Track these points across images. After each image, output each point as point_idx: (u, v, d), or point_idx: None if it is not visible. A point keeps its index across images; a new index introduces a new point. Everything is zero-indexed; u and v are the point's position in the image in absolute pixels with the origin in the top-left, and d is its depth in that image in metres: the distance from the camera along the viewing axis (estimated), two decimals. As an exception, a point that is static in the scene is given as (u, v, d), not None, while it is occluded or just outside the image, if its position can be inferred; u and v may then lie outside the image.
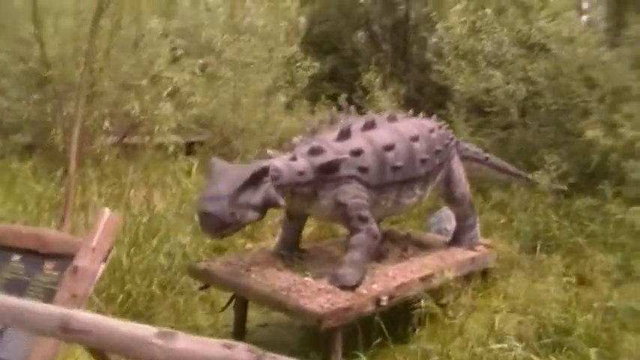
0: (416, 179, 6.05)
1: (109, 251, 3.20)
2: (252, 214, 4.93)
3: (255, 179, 4.93)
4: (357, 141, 5.53)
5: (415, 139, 6.05)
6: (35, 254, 3.28)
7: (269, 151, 5.71)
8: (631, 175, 7.98)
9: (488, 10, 9.79)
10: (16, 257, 3.32)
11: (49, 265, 3.24)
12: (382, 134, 5.78)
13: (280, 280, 5.29)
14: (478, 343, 5.20)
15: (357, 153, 5.44)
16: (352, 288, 5.13)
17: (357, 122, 5.89)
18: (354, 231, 5.36)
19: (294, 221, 6.11)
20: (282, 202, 5.11)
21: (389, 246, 6.50)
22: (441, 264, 6.08)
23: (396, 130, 5.99)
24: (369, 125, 5.80)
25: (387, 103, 10.92)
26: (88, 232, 3.28)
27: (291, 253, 6.05)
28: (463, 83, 9.81)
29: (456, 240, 6.81)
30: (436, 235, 7.38)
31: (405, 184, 5.93)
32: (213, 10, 11.42)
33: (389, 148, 5.71)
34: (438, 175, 6.47)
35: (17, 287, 3.15)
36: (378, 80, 11.18)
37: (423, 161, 6.07)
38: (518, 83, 9.22)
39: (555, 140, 9.11)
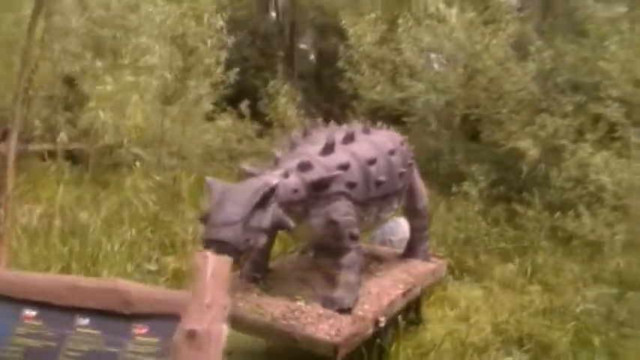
0: (394, 193, 5.86)
1: (227, 308, 2.52)
2: (262, 239, 4.46)
3: (264, 200, 4.48)
4: (341, 155, 5.14)
5: (392, 152, 5.85)
6: (114, 315, 2.43)
7: (245, 167, 5.23)
8: (555, 182, 8.43)
9: (401, 21, 9.89)
10: (84, 321, 2.42)
11: (139, 330, 2.41)
12: (363, 147, 5.48)
13: (272, 307, 4.83)
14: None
15: (344, 167, 5.10)
16: (349, 311, 4.84)
17: (335, 135, 5.59)
18: (344, 250, 4.98)
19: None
20: (291, 223, 4.69)
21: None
22: (410, 278, 5.95)
23: (373, 143, 5.75)
24: (349, 138, 5.49)
25: (293, 111, 10.69)
26: (192, 282, 2.45)
27: (264, 274, 5.59)
28: (379, 92, 9.80)
29: (412, 251, 6.64)
30: (381, 247, 7.26)
31: (386, 198, 5.72)
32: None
33: (372, 162, 5.44)
34: (406, 188, 6.36)
35: None
36: (285, 87, 10.89)
37: (401, 175, 5.90)
38: (437, 94, 9.37)
39: (474, 149, 9.40)
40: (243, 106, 11.27)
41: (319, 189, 4.90)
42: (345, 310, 4.75)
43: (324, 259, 6.10)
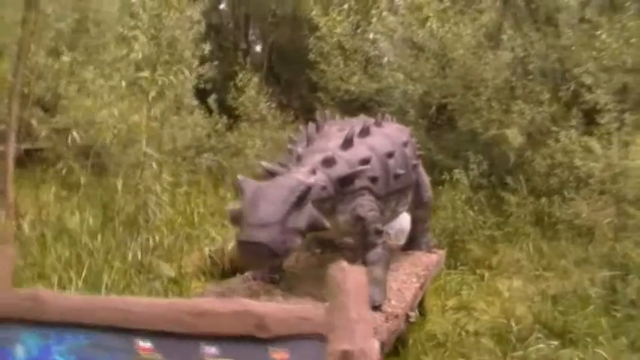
0: (410, 186, 5.85)
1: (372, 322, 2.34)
2: (298, 240, 4.32)
3: (300, 200, 4.35)
4: (361, 149, 5.04)
5: (405, 144, 5.83)
6: (246, 341, 2.19)
7: (264, 163, 5.09)
8: (539, 169, 8.61)
9: (374, 11, 9.84)
10: (211, 349, 2.18)
11: (278, 355, 2.18)
12: (380, 141, 5.41)
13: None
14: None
15: (366, 162, 5.03)
16: (379, 308, 4.80)
17: (352, 128, 5.50)
18: (371, 246, 4.87)
19: None
20: (327, 223, 4.58)
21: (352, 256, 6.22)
22: (421, 270, 5.98)
23: (388, 136, 5.70)
24: (365, 132, 5.42)
25: (263, 104, 10.50)
26: (331, 297, 2.27)
27: (281, 275, 5.48)
28: (355, 83, 9.73)
29: (415, 243, 6.64)
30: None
31: (402, 191, 5.69)
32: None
33: (390, 155, 5.39)
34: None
35: None
36: (254, 80, 10.67)
37: (414, 167, 5.92)
38: (414, 83, 9.39)
39: (450, 139, 9.48)
40: (211, 100, 10.97)
41: (345, 185, 4.79)
42: (376, 308, 4.68)
43: (331, 254, 6.04)
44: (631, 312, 6.04)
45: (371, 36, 9.96)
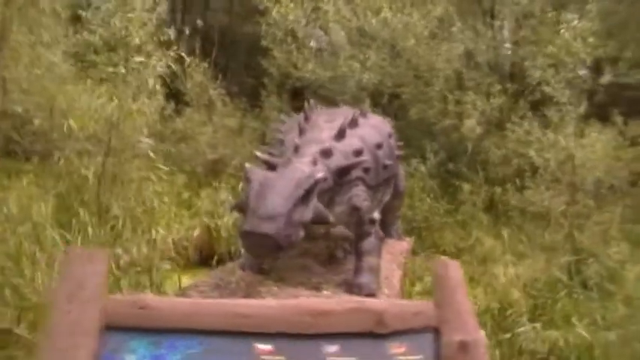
0: (394, 176, 6.00)
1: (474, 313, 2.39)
2: (302, 233, 4.37)
3: (308, 194, 4.39)
4: (353, 140, 5.10)
5: (390, 135, 5.96)
6: (364, 337, 2.23)
7: (260, 154, 5.09)
8: (494, 159, 8.94)
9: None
10: (332, 348, 2.18)
11: (397, 349, 2.23)
12: (368, 132, 5.47)
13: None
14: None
15: (359, 153, 5.13)
16: (374, 295, 4.93)
17: (343, 119, 5.56)
18: (365, 235, 4.97)
19: None
20: (331, 217, 4.65)
21: (333, 245, 6.31)
22: (397, 257, 6.17)
23: (375, 127, 5.79)
24: (354, 123, 5.49)
25: (214, 90, 10.34)
26: (438, 291, 2.40)
27: (271, 265, 5.49)
28: (309, 71, 9.72)
29: (386, 231, 6.83)
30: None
31: (388, 182, 5.83)
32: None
33: (379, 146, 5.49)
34: None
35: None
36: (203, 65, 10.44)
37: (398, 157, 6.08)
38: (369, 73, 9.49)
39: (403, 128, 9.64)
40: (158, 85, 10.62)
41: (342, 176, 4.85)
42: (372, 295, 4.79)
43: (309, 244, 6.03)
44: (590, 294, 6.46)
45: (324, 24, 9.96)
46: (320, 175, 4.44)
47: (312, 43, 10.19)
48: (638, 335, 5.62)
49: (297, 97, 12.07)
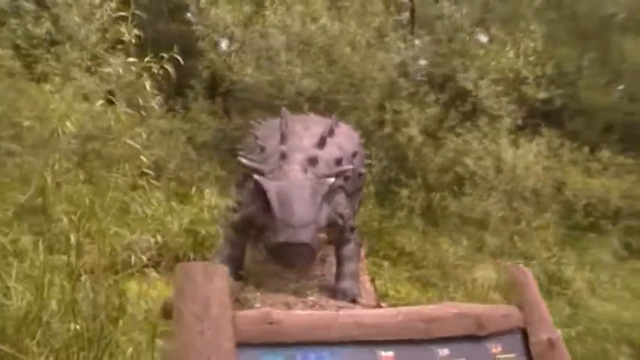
0: (364, 184, 6.19)
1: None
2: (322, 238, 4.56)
3: (323, 200, 4.52)
4: (333, 149, 5.21)
5: (361, 144, 6.17)
6: (468, 340, 2.40)
7: (245, 161, 5.12)
8: (433, 167, 9.28)
9: (267, 4, 9.81)
10: (443, 351, 2.33)
11: (495, 349, 2.44)
12: (345, 141, 5.64)
13: (298, 306, 4.92)
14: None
15: (339, 162, 5.27)
16: (357, 300, 5.10)
17: (315, 126, 5.65)
18: (345, 242, 5.06)
19: (243, 237, 5.52)
20: (340, 220, 4.79)
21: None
22: (361, 263, 6.36)
23: (348, 135, 5.96)
24: (332, 132, 5.62)
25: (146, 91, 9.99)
26: (519, 295, 2.66)
27: (246, 273, 5.52)
28: (249, 75, 9.65)
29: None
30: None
31: (361, 189, 6.02)
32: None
33: (355, 155, 5.68)
34: None
35: None
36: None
37: (367, 165, 6.26)
38: (308, 79, 9.56)
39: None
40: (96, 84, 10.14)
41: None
42: (354, 301, 4.94)
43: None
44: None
45: (264, 29, 9.93)
46: (331, 181, 4.52)
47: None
48: (583, 335, 6.07)
49: (227, 100, 11.97)
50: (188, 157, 9.68)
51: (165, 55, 4.60)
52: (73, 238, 6.70)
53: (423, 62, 10.45)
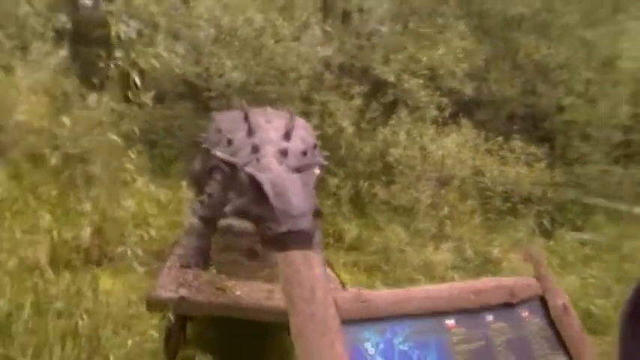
0: (322, 175, 6.41)
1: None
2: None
3: (313, 189, 4.77)
4: (297, 141, 5.45)
5: (316, 137, 6.40)
6: (505, 307, 2.82)
7: (220, 154, 5.25)
8: (362, 156, 9.62)
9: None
10: (489, 317, 2.74)
11: (524, 314, 2.88)
12: (303, 134, 5.81)
13: (279, 292, 5.13)
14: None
15: (304, 154, 5.48)
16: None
17: (276, 119, 5.80)
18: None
19: (210, 228, 5.66)
20: (322, 210, 5.03)
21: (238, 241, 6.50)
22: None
23: (306, 128, 6.15)
24: (292, 124, 5.80)
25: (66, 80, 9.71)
26: (537, 270, 3.10)
27: (209, 262, 5.66)
28: (178, 66, 9.53)
29: None
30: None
31: (321, 180, 6.25)
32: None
33: (315, 146, 5.91)
34: None
35: (519, 347, 2.75)
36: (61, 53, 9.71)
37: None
38: (237, 71, 9.61)
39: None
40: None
41: None
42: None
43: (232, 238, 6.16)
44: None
45: (191, 19, 9.85)
46: (317, 172, 4.71)
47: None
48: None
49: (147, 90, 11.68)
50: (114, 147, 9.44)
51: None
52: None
53: (344, 55, 10.70)
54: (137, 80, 5.92)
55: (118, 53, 6.93)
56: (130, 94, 5.50)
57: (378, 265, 7.32)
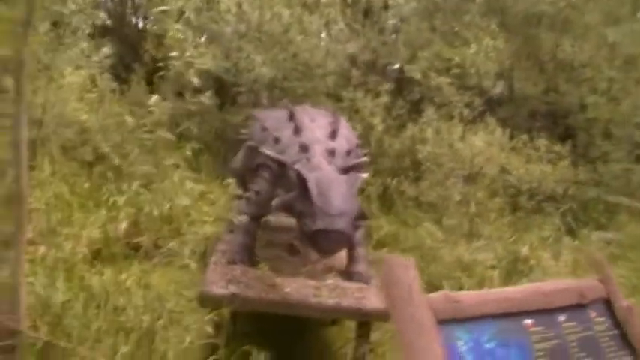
0: None
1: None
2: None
3: (357, 193, 4.88)
4: (342, 141, 5.48)
5: (356, 135, 6.50)
6: (575, 307, 3.02)
7: (269, 152, 5.35)
8: (391, 153, 9.72)
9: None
10: (562, 317, 2.95)
11: (592, 314, 3.07)
12: (347, 133, 5.93)
13: (321, 289, 5.24)
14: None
15: (349, 153, 5.58)
16: (369, 282, 5.50)
17: (320, 118, 5.86)
18: (356, 227, 5.54)
19: (256, 225, 5.78)
20: (367, 215, 5.14)
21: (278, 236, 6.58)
22: None
23: (347, 127, 6.20)
24: (337, 123, 5.88)
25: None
26: (597, 272, 3.26)
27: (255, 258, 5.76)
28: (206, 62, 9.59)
29: None
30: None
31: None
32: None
33: (358, 146, 6.01)
34: None
35: (590, 345, 2.94)
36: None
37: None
38: (267, 67, 9.70)
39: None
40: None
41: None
42: (368, 282, 5.36)
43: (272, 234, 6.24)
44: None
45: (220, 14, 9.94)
46: (365, 175, 4.82)
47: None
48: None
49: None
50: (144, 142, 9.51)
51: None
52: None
53: (370, 52, 10.77)
54: (193, 80, 6.00)
55: (171, 52, 6.97)
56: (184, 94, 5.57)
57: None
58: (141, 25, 12.38)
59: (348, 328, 5.95)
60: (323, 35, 10.34)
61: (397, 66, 10.74)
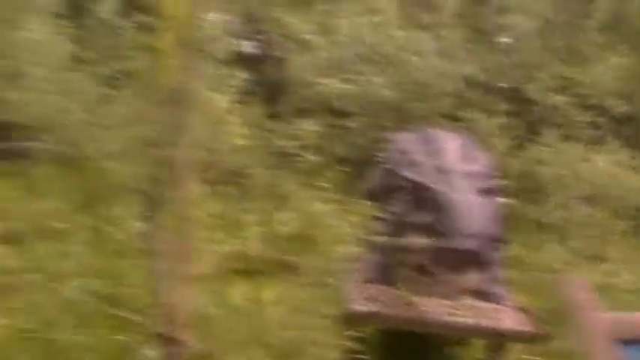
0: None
1: None
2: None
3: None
4: (478, 163, 5.65)
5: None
6: None
7: (412, 176, 5.50)
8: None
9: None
10: None
11: None
12: (479, 155, 6.01)
13: (461, 309, 5.27)
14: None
15: (486, 176, 5.63)
16: (504, 303, 5.48)
17: (451, 141, 5.95)
18: (493, 248, 5.58)
19: (392, 245, 5.90)
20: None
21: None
22: None
23: (479, 149, 6.28)
24: (473, 146, 5.95)
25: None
26: None
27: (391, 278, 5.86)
28: (325, 84, 9.95)
29: None
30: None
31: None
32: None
33: (494, 167, 6.05)
34: None
35: None
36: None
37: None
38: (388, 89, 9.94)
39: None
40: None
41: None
42: (503, 303, 5.37)
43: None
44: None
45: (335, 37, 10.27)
46: (501, 200, 4.92)
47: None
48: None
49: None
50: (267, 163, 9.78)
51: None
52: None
53: (485, 72, 10.77)
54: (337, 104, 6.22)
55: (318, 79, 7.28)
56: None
57: (539, 284, 7.34)
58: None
59: (475, 349, 5.98)
60: (438, 56, 10.40)
61: (513, 85, 10.62)
